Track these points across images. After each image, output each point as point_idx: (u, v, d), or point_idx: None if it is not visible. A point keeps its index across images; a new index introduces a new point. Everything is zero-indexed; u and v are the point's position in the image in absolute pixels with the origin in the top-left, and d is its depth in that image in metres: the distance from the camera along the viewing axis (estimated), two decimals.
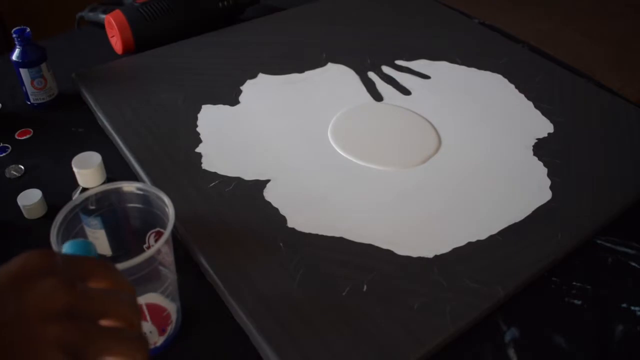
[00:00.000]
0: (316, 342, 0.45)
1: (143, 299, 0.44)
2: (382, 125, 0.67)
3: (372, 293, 0.49)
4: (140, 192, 0.44)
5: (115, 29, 0.78)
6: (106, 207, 0.44)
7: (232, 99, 0.70)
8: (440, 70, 0.77)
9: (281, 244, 0.53)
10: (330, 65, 0.77)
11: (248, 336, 0.47)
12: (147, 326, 0.44)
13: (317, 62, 0.78)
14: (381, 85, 0.74)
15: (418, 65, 0.78)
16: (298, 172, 0.60)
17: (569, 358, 0.47)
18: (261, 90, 0.72)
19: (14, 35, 0.66)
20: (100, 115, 0.67)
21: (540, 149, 0.65)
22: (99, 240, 0.46)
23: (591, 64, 1.82)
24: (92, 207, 0.44)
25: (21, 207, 0.57)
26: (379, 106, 0.70)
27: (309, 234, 0.54)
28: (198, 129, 0.65)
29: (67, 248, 0.35)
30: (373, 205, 0.57)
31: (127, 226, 0.47)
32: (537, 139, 0.66)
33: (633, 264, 0.55)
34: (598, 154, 0.64)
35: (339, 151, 0.63)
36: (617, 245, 0.56)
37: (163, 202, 0.42)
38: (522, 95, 0.73)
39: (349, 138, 0.65)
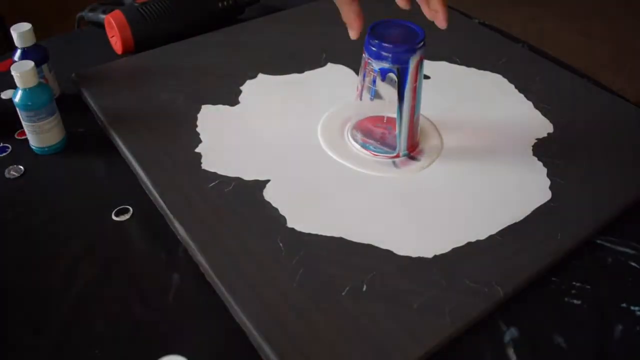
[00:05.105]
0: (316, 342, 0.45)
1: None
2: None
3: (372, 293, 0.49)
4: None
5: (115, 29, 0.78)
6: None
7: (232, 99, 0.70)
8: (440, 70, 0.77)
9: (281, 244, 0.53)
10: (330, 65, 0.77)
11: (248, 336, 0.47)
12: None
13: (317, 62, 0.78)
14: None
15: None
16: (298, 172, 0.60)
17: (568, 358, 0.47)
18: (261, 90, 0.72)
19: None
20: (100, 115, 0.67)
21: (540, 149, 0.65)
22: None
23: (591, 64, 1.82)
24: None
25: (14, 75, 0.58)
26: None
27: (309, 234, 0.54)
28: (198, 129, 0.65)
29: None
30: (373, 205, 0.57)
31: None
32: (537, 139, 0.66)
33: (633, 264, 0.55)
34: (598, 154, 0.64)
35: (330, 154, 0.63)
36: (617, 245, 0.56)
37: None
38: (522, 95, 0.73)
39: (341, 139, 0.65)
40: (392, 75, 0.57)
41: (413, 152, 0.63)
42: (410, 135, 0.61)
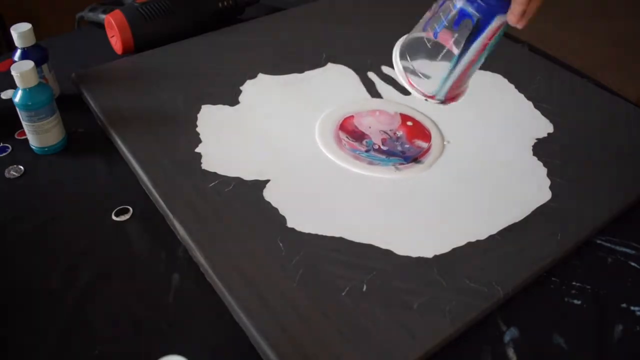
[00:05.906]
0: (316, 342, 0.45)
1: None
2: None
3: (372, 293, 0.49)
4: None
5: (115, 29, 0.78)
6: None
7: (232, 99, 0.70)
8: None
9: (281, 244, 0.53)
10: (330, 65, 0.77)
11: (248, 336, 0.47)
12: None
13: (317, 62, 0.78)
14: (381, 85, 0.74)
15: None
16: (298, 172, 0.60)
17: (568, 358, 0.47)
18: (261, 90, 0.72)
19: None
20: (100, 115, 0.67)
21: (540, 149, 0.65)
22: None
23: (591, 64, 1.82)
24: None
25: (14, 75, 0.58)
26: (371, 103, 0.70)
27: (309, 234, 0.54)
28: (198, 129, 0.65)
29: None
30: (373, 205, 0.57)
31: None
32: (537, 139, 0.66)
33: (633, 264, 0.55)
34: (598, 153, 0.64)
35: (329, 155, 0.63)
36: (617, 245, 0.56)
37: None
38: (522, 95, 0.73)
39: (340, 140, 0.65)
40: (468, 22, 0.51)
41: (452, 101, 0.58)
42: (456, 86, 0.57)
